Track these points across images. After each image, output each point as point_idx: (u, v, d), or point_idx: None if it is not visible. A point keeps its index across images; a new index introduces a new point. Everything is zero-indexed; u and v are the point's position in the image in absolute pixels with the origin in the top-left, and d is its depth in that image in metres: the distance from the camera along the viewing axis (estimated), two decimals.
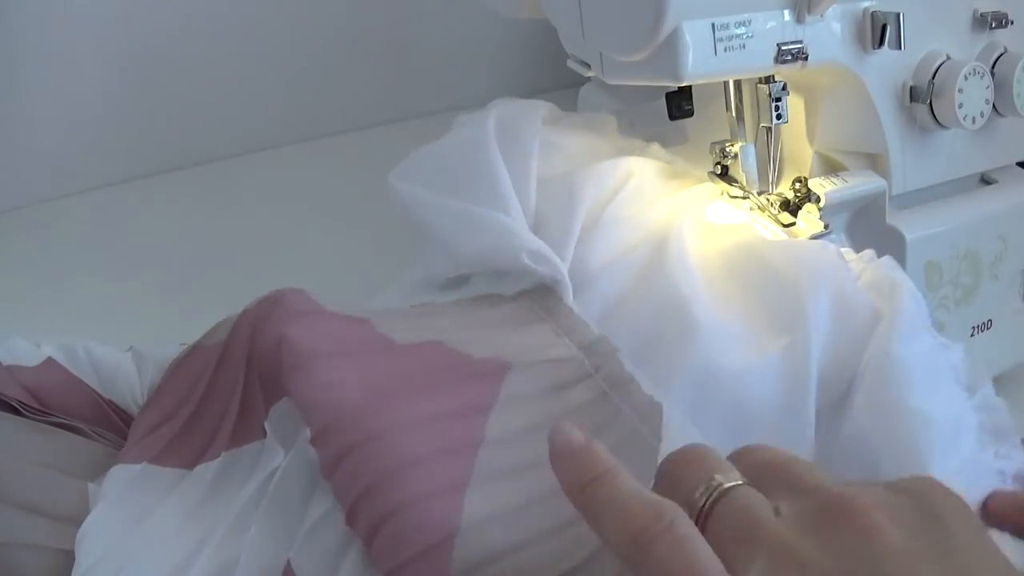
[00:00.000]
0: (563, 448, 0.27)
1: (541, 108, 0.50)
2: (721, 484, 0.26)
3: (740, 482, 0.26)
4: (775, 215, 0.46)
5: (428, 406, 0.35)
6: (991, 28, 0.48)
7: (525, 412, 0.35)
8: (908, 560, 0.23)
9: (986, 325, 0.49)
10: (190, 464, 0.38)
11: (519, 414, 0.35)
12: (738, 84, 0.47)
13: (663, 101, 0.49)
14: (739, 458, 0.28)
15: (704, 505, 0.26)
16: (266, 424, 0.37)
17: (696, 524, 0.25)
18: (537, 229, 0.45)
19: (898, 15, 0.44)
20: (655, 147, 0.51)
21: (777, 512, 0.26)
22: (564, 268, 0.43)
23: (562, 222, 0.44)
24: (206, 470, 0.38)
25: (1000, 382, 0.43)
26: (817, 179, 0.46)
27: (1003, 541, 0.30)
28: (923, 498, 0.25)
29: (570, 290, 0.43)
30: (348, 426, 0.33)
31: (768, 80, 0.45)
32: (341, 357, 0.36)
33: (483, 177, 0.45)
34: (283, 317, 0.39)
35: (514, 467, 0.33)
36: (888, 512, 0.24)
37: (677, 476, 0.27)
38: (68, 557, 0.35)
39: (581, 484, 0.26)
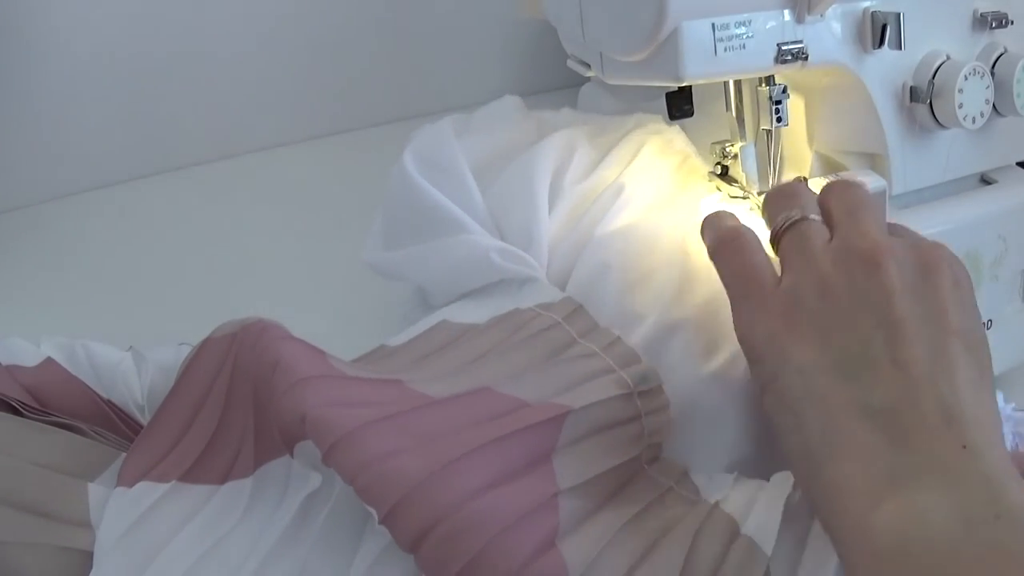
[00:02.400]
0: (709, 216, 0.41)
1: (447, 125, 0.50)
2: (795, 216, 0.37)
3: (811, 216, 0.37)
4: None
5: (496, 463, 0.33)
6: (991, 28, 0.48)
7: (583, 453, 0.35)
8: (895, 296, 0.33)
9: (986, 325, 0.49)
10: (220, 479, 0.37)
11: (578, 456, 0.35)
12: (738, 84, 0.47)
13: (663, 101, 0.49)
14: (824, 192, 0.39)
15: (780, 228, 0.38)
16: (294, 459, 0.36)
17: (773, 243, 0.38)
18: (504, 235, 0.46)
19: (898, 15, 0.44)
20: (566, 111, 0.52)
21: (830, 241, 0.36)
22: (534, 260, 0.44)
23: (527, 213, 0.45)
24: (240, 488, 0.36)
25: (1000, 382, 0.43)
26: (817, 179, 0.46)
27: None
28: (927, 257, 0.35)
29: (546, 283, 0.43)
30: (419, 504, 0.31)
31: (768, 81, 0.45)
32: (383, 424, 0.34)
33: (428, 212, 0.46)
34: (297, 387, 0.34)
35: (591, 508, 0.34)
36: (898, 261, 0.34)
37: (772, 207, 0.39)
38: (68, 556, 0.35)
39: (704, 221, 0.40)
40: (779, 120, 0.45)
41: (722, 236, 0.39)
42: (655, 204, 0.46)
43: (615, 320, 0.41)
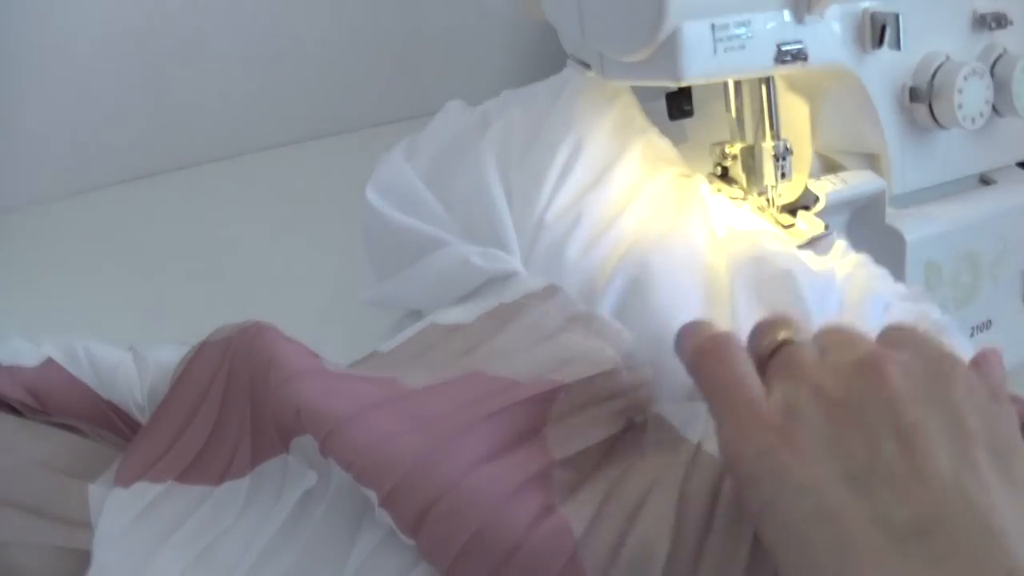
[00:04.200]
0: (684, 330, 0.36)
1: (398, 153, 0.51)
2: (782, 338, 0.33)
3: (799, 339, 0.33)
4: (775, 216, 0.46)
5: (491, 438, 0.34)
6: (991, 28, 0.48)
7: (573, 427, 0.36)
8: (904, 402, 0.29)
9: (986, 325, 0.49)
10: (216, 480, 0.37)
11: (568, 430, 0.36)
12: (738, 84, 0.47)
13: (663, 101, 0.50)
14: (816, 336, 0.35)
15: (766, 353, 0.33)
16: (290, 455, 0.36)
17: (759, 368, 0.33)
18: (475, 240, 0.47)
19: (897, 15, 0.44)
20: (505, 93, 0.53)
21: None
22: (512, 258, 0.45)
23: (489, 215, 0.46)
24: (237, 488, 0.36)
25: None
26: (817, 179, 0.46)
27: None
28: (933, 360, 0.31)
29: (527, 275, 0.44)
30: (419, 482, 0.32)
31: (768, 83, 0.45)
32: (378, 410, 0.34)
33: (403, 238, 0.47)
34: (292, 380, 0.35)
35: (581, 478, 0.35)
36: (903, 367, 0.30)
37: (759, 332, 0.35)
38: (69, 557, 0.35)
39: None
40: (783, 176, 0.45)
41: (702, 345, 0.35)
42: (600, 169, 0.47)
43: (575, 289, 0.42)
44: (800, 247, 0.44)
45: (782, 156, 0.45)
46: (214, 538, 0.35)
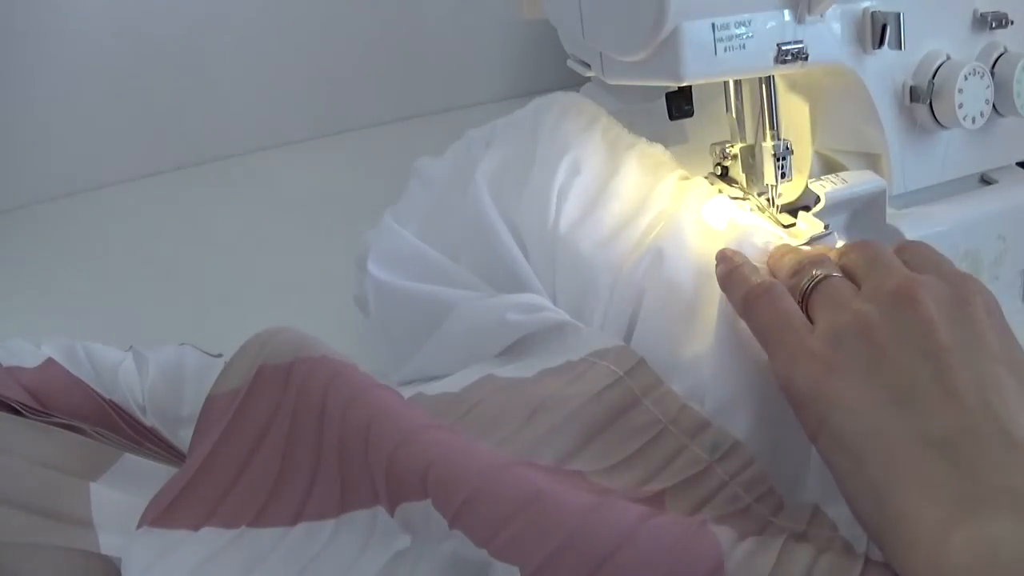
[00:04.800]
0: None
1: (390, 221, 0.49)
2: (819, 275, 0.38)
3: (834, 274, 0.38)
4: (775, 215, 0.46)
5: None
6: (991, 28, 0.48)
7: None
8: (935, 326, 0.33)
9: None
10: (290, 520, 0.36)
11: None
12: (738, 84, 0.47)
13: (663, 101, 0.50)
14: (842, 256, 0.39)
15: (806, 289, 0.38)
16: (394, 519, 0.35)
17: (800, 303, 0.38)
18: (492, 283, 0.45)
19: (898, 15, 0.44)
20: (490, 125, 0.53)
21: (859, 288, 0.36)
22: (545, 299, 0.43)
23: (500, 255, 0.45)
24: (318, 530, 0.36)
25: None
26: (817, 180, 0.46)
27: None
28: (957, 283, 0.35)
29: (584, 328, 0.42)
30: (585, 544, 0.31)
31: (768, 83, 0.45)
32: (516, 468, 0.34)
33: (422, 303, 0.45)
34: (409, 442, 0.34)
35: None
36: (932, 292, 0.34)
37: (798, 269, 0.39)
38: (68, 556, 0.35)
39: (723, 272, 0.40)
40: (783, 176, 0.45)
41: (752, 290, 0.38)
42: (603, 180, 0.47)
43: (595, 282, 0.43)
44: (800, 247, 0.44)
45: (782, 156, 0.45)
46: (298, 571, 0.34)
